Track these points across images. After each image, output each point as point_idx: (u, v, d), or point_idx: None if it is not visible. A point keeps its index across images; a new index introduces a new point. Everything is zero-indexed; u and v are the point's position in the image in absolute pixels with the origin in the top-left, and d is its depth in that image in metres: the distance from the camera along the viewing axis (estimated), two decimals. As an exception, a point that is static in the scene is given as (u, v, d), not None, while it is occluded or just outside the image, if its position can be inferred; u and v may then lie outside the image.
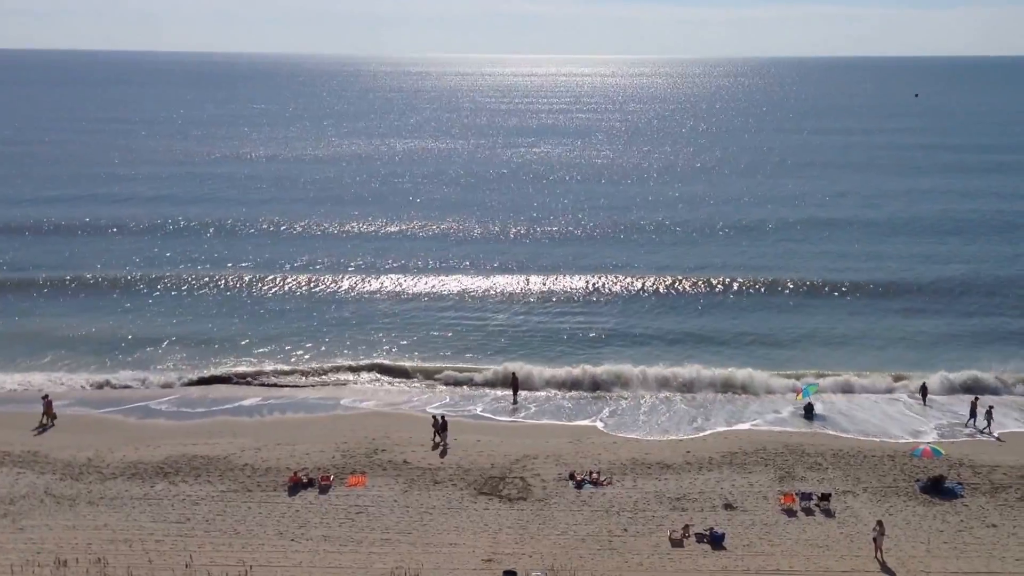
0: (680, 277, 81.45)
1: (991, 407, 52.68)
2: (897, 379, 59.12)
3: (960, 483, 44.22)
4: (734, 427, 52.58)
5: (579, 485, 43.98)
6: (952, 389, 57.93)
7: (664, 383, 58.63)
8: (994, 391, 57.61)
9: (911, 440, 50.14)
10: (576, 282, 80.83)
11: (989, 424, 51.83)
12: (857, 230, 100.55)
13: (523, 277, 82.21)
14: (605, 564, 37.22)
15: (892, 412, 55.12)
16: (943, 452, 46.47)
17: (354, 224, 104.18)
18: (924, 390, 56.95)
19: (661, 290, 78.79)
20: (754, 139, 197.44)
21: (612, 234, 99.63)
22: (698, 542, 38.81)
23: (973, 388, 57.79)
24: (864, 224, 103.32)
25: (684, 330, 69.50)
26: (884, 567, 37.00)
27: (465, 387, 59.18)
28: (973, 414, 52.69)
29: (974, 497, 43.00)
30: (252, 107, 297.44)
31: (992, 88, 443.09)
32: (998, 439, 50.84)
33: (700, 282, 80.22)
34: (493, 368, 61.13)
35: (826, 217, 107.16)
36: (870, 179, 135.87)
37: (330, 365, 62.08)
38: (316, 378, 60.46)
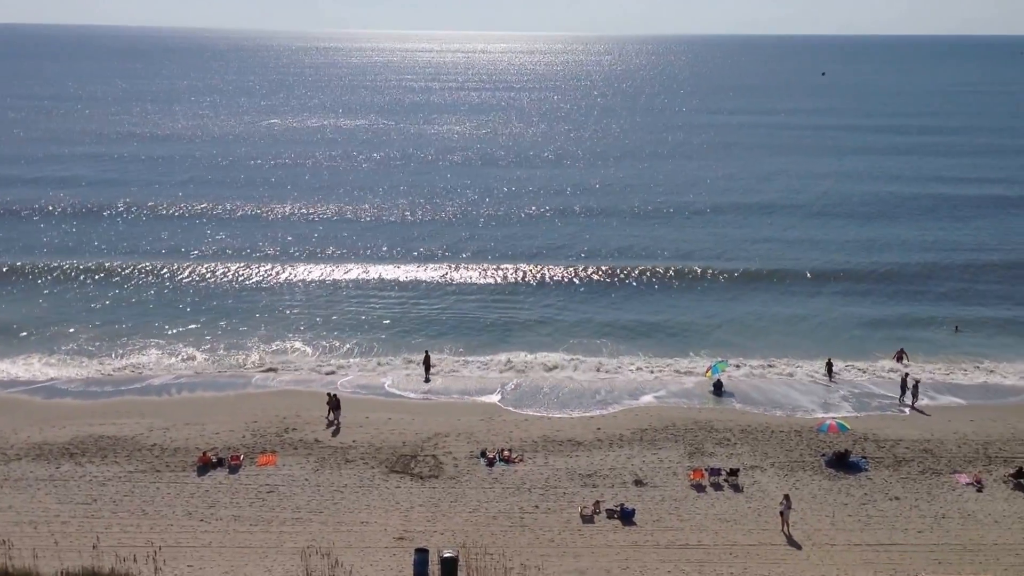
0: (606, 263, 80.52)
1: (917, 382, 54.39)
2: (806, 358, 60.39)
3: (864, 457, 45.37)
4: (644, 404, 53.21)
5: (491, 463, 44.04)
6: (857, 367, 59.37)
7: (576, 365, 59.18)
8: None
9: (818, 415, 51.26)
10: (498, 268, 79.53)
11: (915, 398, 53.49)
12: (783, 214, 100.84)
13: (441, 263, 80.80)
14: (516, 541, 37.35)
15: (799, 388, 56.27)
16: (848, 427, 47.65)
17: (267, 207, 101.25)
18: (830, 366, 58.27)
19: (586, 277, 77.82)
20: (675, 119, 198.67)
21: (536, 219, 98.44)
22: (608, 518, 39.16)
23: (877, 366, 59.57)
24: (790, 208, 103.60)
25: (610, 316, 68.83)
26: (790, 540, 37.78)
27: (377, 366, 58.70)
28: (904, 389, 54.27)
29: (878, 471, 44.16)
30: (166, 83, 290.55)
31: (898, 66, 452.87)
32: (919, 411, 52.53)
33: (625, 269, 79.13)
34: (407, 348, 60.91)
35: (752, 201, 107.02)
36: (789, 161, 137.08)
37: (242, 349, 60.85)
38: (229, 359, 59.34)
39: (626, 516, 39.14)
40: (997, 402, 54.53)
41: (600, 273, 78.35)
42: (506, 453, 44.83)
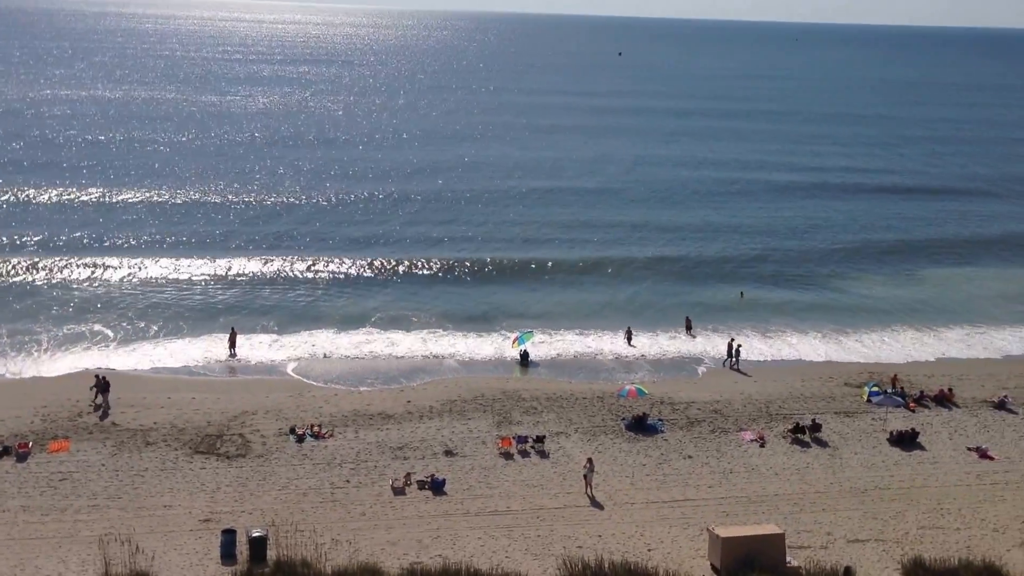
0: (421, 253, 77.88)
1: (739, 346, 57.83)
2: (608, 329, 62.68)
3: (661, 419, 47.66)
4: (453, 375, 54.03)
5: (300, 439, 43.58)
6: (654, 336, 62.17)
7: (385, 339, 59.30)
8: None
9: (618, 382, 53.34)
10: (304, 256, 75.87)
11: (737, 360, 56.97)
12: (595, 199, 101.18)
13: (249, 250, 77.00)
14: (328, 516, 37.23)
15: (601, 357, 58.50)
16: (646, 391, 49.83)
17: (63, 190, 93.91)
18: (629, 334, 60.81)
19: (400, 266, 74.84)
20: (492, 99, 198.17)
21: (345, 204, 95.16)
22: (420, 489, 39.58)
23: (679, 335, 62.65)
24: (600, 193, 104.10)
25: (419, 298, 67.82)
26: (594, 501, 39.35)
27: (181, 345, 56.76)
28: (730, 353, 57.45)
29: (673, 432, 46.50)
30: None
31: (692, 49, 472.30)
32: (741, 371, 56.10)
33: (437, 259, 76.50)
34: (213, 328, 59.17)
35: (567, 186, 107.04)
36: (597, 144, 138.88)
37: (31, 333, 57.32)
38: (15, 343, 55.81)
39: (437, 486, 39.68)
40: (777, 364, 58.40)
41: (415, 262, 75.68)
42: (316, 428, 44.46)
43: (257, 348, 56.85)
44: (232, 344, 55.83)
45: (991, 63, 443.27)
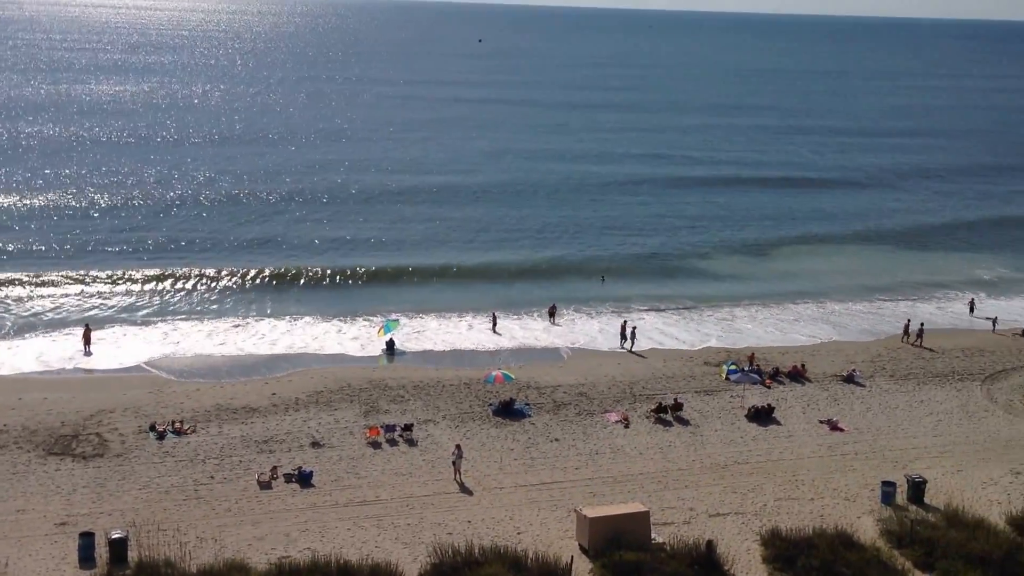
0: (290, 256, 75.41)
1: (634, 327, 59.05)
2: (473, 316, 63.04)
3: (528, 403, 48.24)
4: (318, 366, 53.44)
5: (161, 436, 42.40)
6: (519, 322, 62.84)
7: (247, 329, 58.41)
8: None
9: (484, 367, 53.60)
10: (156, 257, 73.25)
11: (633, 343, 58.12)
12: (455, 198, 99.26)
13: (98, 253, 73.70)
14: (191, 514, 36.36)
15: (466, 343, 58.86)
16: (513, 376, 50.28)
17: None
18: (494, 320, 61.35)
19: (269, 267, 72.12)
20: (366, 90, 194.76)
21: (206, 205, 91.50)
22: (287, 482, 39.07)
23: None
24: (458, 191, 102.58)
25: (294, 299, 66.35)
26: (463, 487, 39.56)
27: (29, 343, 54.31)
28: (624, 335, 58.49)
29: (540, 416, 47.12)
30: None
31: (543, 36, 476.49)
32: (637, 354, 57.22)
33: (306, 261, 73.94)
34: (67, 323, 56.85)
35: (427, 184, 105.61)
36: (463, 138, 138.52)
37: None
38: None
39: (304, 479, 39.22)
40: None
41: (284, 264, 72.77)
42: (177, 425, 43.32)
43: (113, 344, 54.96)
44: (87, 341, 53.77)
45: (852, 51, 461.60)
